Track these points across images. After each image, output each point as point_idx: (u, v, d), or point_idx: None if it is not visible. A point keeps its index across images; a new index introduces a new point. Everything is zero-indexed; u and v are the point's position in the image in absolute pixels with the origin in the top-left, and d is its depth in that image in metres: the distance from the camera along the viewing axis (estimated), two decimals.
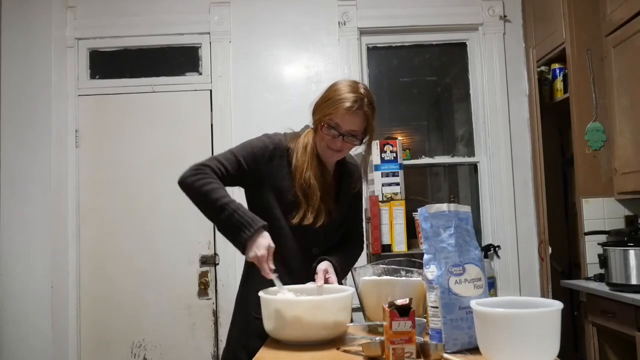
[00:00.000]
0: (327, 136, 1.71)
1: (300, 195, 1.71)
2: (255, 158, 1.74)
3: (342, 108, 1.66)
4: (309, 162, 1.73)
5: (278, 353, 1.39)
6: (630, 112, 2.80)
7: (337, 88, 1.72)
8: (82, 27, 3.56)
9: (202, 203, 1.66)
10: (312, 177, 1.72)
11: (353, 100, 1.67)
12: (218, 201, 1.62)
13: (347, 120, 1.68)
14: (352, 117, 1.68)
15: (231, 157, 1.73)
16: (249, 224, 1.58)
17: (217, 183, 1.66)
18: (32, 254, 3.21)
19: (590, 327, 2.84)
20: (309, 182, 1.71)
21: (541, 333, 1.08)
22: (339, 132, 1.69)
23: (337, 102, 1.68)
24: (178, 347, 3.41)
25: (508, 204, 3.47)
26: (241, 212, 1.61)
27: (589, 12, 3.04)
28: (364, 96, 1.70)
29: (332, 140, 1.71)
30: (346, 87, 1.71)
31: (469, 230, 1.39)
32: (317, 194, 1.72)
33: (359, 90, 1.71)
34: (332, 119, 1.69)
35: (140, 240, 3.45)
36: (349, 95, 1.68)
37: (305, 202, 1.71)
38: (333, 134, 1.70)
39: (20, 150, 3.27)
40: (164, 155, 3.49)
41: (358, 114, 1.69)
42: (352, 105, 1.67)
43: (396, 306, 1.18)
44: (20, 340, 3.15)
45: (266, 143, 1.76)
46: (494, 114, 3.52)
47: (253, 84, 3.53)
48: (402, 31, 3.63)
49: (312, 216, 1.71)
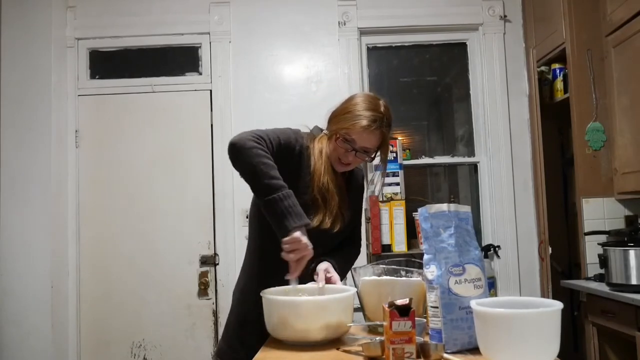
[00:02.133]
0: (341, 149, 1.70)
1: (320, 199, 1.70)
2: (289, 147, 1.71)
3: (359, 125, 1.64)
4: (325, 166, 1.72)
5: (278, 353, 1.39)
6: (630, 112, 2.80)
7: (357, 102, 1.70)
8: (82, 27, 3.56)
9: (256, 172, 1.56)
10: (330, 181, 1.71)
11: (372, 119, 1.65)
12: (276, 179, 1.55)
13: (363, 138, 1.67)
14: (368, 135, 1.67)
15: (276, 138, 1.68)
16: (301, 215, 1.53)
17: (273, 161, 1.59)
18: (32, 254, 3.21)
19: (590, 327, 2.84)
20: (327, 186, 1.70)
21: (541, 333, 1.08)
22: (352, 147, 1.68)
23: (356, 118, 1.65)
24: (178, 347, 3.41)
25: (508, 204, 3.47)
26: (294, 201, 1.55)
27: (589, 12, 3.04)
28: (383, 115, 1.68)
29: (344, 154, 1.70)
30: (366, 103, 1.69)
31: (469, 230, 1.39)
32: (336, 199, 1.71)
33: (379, 108, 1.68)
34: (349, 133, 1.67)
35: (140, 240, 3.45)
36: (368, 114, 1.66)
37: (324, 206, 1.71)
38: (347, 147, 1.68)
39: (20, 150, 3.27)
40: (164, 155, 3.50)
41: (375, 134, 1.67)
42: (370, 125, 1.64)
43: (396, 306, 1.17)
44: (20, 340, 3.15)
45: (296, 137, 1.74)
46: (494, 114, 3.52)
47: (253, 84, 3.53)
48: (402, 31, 3.63)
49: (330, 221, 1.70)
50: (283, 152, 1.68)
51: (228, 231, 3.43)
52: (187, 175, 3.49)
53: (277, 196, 1.53)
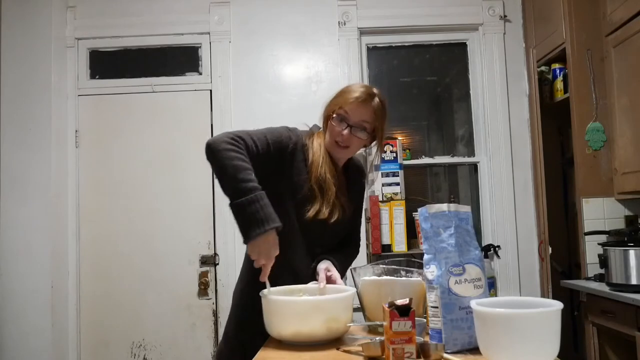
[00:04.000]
0: (337, 128, 1.73)
1: (317, 189, 1.72)
2: (281, 146, 1.72)
3: (351, 97, 1.71)
4: (323, 157, 1.75)
5: (278, 353, 1.39)
6: (630, 112, 2.80)
7: (349, 85, 1.82)
8: (82, 27, 3.56)
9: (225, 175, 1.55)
10: (327, 172, 1.73)
11: (363, 92, 1.73)
12: (244, 182, 1.52)
13: (355, 111, 1.72)
14: (360, 107, 1.71)
15: (263, 138, 1.68)
16: (264, 220, 1.50)
17: (248, 163, 1.57)
18: (32, 254, 3.21)
19: (590, 327, 2.84)
20: (325, 176, 1.72)
21: (541, 333, 1.08)
22: (347, 123, 1.72)
23: (347, 93, 1.74)
24: (178, 347, 3.41)
25: (508, 204, 3.47)
26: (262, 204, 1.51)
27: (589, 12, 3.04)
28: (375, 94, 1.76)
29: (340, 134, 1.72)
30: (358, 84, 1.82)
31: (469, 230, 1.39)
32: (333, 189, 1.73)
33: (370, 88, 1.78)
34: (342, 107, 1.72)
35: (140, 240, 3.45)
36: (360, 89, 1.75)
37: (320, 196, 1.72)
38: (342, 125, 1.72)
39: (20, 150, 3.27)
40: (164, 155, 3.50)
41: (367, 106, 1.72)
42: (361, 96, 1.72)
43: (396, 306, 1.17)
44: (20, 340, 3.15)
45: (290, 135, 1.76)
46: (494, 114, 3.52)
47: (253, 84, 3.53)
48: (402, 31, 3.63)
49: (327, 211, 1.71)
50: (272, 150, 1.68)
51: (228, 231, 3.42)
52: (187, 175, 3.49)
53: (242, 201, 1.51)
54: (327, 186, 1.72)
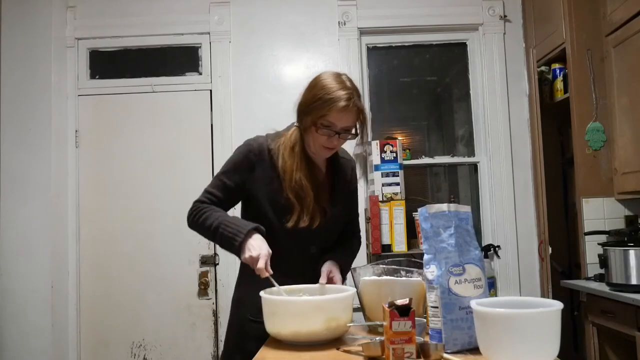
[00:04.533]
0: (323, 137, 1.67)
1: (293, 198, 1.68)
2: (237, 172, 1.74)
3: (336, 108, 1.62)
4: (298, 162, 1.70)
5: (278, 353, 1.39)
6: (630, 112, 2.80)
7: (324, 85, 1.66)
8: (82, 27, 3.56)
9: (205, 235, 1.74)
10: (303, 178, 1.69)
11: (346, 98, 1.62)
12: (211, 226, 1.67)
13: (342, 119, 1.65)
14: (347, 115, 1.65)
15: (217, 182, 1.77)
16: (238, 231, 1.61)
17: (209, 211, 1.71)
18: (32, 254, 3.21)
19: (590, 327, 2.84)
20: (301, 183, 1.68)
21: (541, 333, 1.08)
22: (335, 131, 1.66)
23: (330, 102, 1.63)
24: (178, 347, 3.41)
25: (508, 204, 3.47)
26: (228, 222, 1.65)
27: (589, 12, 3.04)
28: (352, 90, 1.66)
29: (328, 140, 1.68)
30: (334, 83, 1.65)
31: (469, 230, 1.39)
32: (311, 195, 1.68)
33: (346, 85, 1.66)
34: (327, 119, 1.64)
35: (140, 240, 3.45)
36: (341, 93, 1.62)
37: (298, 204, 1.68)
38: (329, 133, 1.66)
39: (20, 150, 3.27)
40: (164, 155, 3.50)
41: (352, 111, 1.65)
42: (347, 104, 1.62)
43: (396, 306, 1.17)
44: (20, 340, 3.15)
45: (244, 152, 1.75)
46: (494, 114, 3.52)
47: (253, 84, 3.53)
48: (402, 31, 3.63)
49: (308, 218, 1.68)
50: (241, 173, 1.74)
51: None
52: (187, 175, 3.49)
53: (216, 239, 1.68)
54: (305, 192, 1.68)
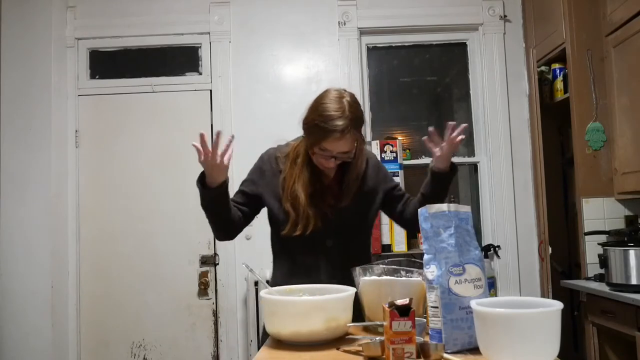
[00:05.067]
0: (321, 158, 1.75)
1: (289, 207, 1.77)
2: (252, 181, 1.87)
3: (331, 138, 1.68)
4: (297, 174, 1.78)
5: (278, 353, 1.39)
6: (630, 112, 2.80)
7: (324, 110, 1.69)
8: (82, 27, 3.56)
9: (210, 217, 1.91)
10: (300, 188, 1.76)
11: (341, 129, 1.66)
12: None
13: (336, 146, 1.70)
14: (342, 142, 1.70)
15: (238, 190, 1.90)
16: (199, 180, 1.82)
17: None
18: (32, 254, 3.21)
19: (590, 327, 2.84)
20: (295, 194, 1.77)
21: (541, 333, 1.08)
22: (331, 155, 1.73)
23: (325, 131, 1.67)
24: (178, 347, 3.41)
25: (508, 204, 3.47)
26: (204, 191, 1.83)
27: (589, 12, 3.04)
28: (348, 118, 1.67)
29: (326, 161, 1.75)
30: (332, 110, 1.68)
31: (469, 230, 1.39)
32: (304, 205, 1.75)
33: (345, 112, 1.68)
34: (323, 145, 1.70)
35: (140, 240, 3.45)
36: (337, 124, 1.66)
37: (294, 213, 1.76)
38: (325, 155, 1.73)
39: (20, 150, 3.27)
40: (164, 155, 3.50)
41: (347, 138, 1.70)
42: (342, 134, 1.67)
43: (396, 306, 1.17)
44: (20, 340, 3.15)
45: (258, 163, 1.89)
46: (494, 114, 3.52)
47: (253, 84, 3.53)
48: (402, 31, 3.63)
49: (302, 226, 1.75)
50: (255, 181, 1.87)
51: None
52: (187, 175, 3.45)
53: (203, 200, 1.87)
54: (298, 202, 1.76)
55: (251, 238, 3.44)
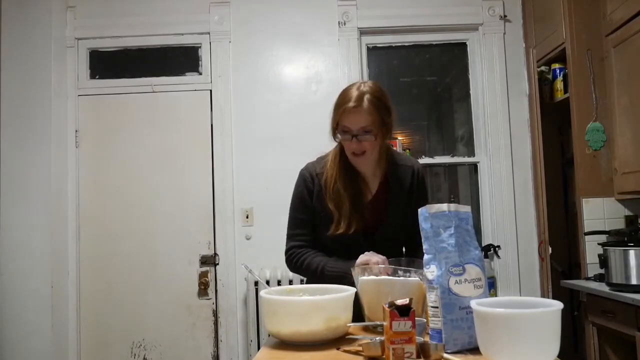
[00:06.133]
0: (345, 141, 1.76)
1: (332, 207, 1.78)
2: (303, 203, 1.86)
3: (344, 110, 1.72)
4: (337, 172, 1.80)
5: (278, 353, 1.39)
6: (630, 112, 2.80)
7: (342, 92, 1.78)
8: (82, 27, 3.56)
9: (308, 276, 1.85)
10: (341, 187, 1.79)
11: (354, 99, 1.71)
12: (316, 270, 1.79)
13: (352, 120, 1.72)
14: (355, 115, 1.71)
15: (294, 221, 1.88)
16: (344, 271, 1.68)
17: (309, 256, 1.82)
18: (32, 254, 3.21)
19: (590, 327, 2.84)
20: (338, 192, 1.79)
21: (541, 333, 1.08)
22: (351, 134, 1.73)
23: (340, 106, 1.74)
24: (178, 347, 3.41)
25: (508, 204, 3.47)
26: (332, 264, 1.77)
27: (589, 12, 3.04)
28: (364, 92, 1.73)
29: (349, 144, 1.76)
30: (349, 89, 1.77)
31: (469, 230, 1.39)
32: (347, 202, 1.77)
33: (360, 87, 1.75)
34: (341, 122, 1.74)
35: (140, 240, 3.45)
36: (350, 95, 1.73)
37: (337, 212, 1.78)
38: (347, 137, 1.75)
39: (20, 150, 3.27)
40: (164, 155, 3.50)
41: (360, 111, 1.71)
42: (353, 105, 1.71)
43: (396, 306, 1.17)
44: (20, 340, 3.15)
45: (302, 184, 1.87)
46: (494, 114, 3.52)
47: (253, 84, 3.53)
48: (402, 31, 3.63)
49: (345, 224, 1.76)
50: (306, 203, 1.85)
51: (228, 231, 3.43)
52: (187, 175, 3.49)
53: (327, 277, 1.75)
54: (341, 200, 1.78)
55: (251, 238, 3.44)
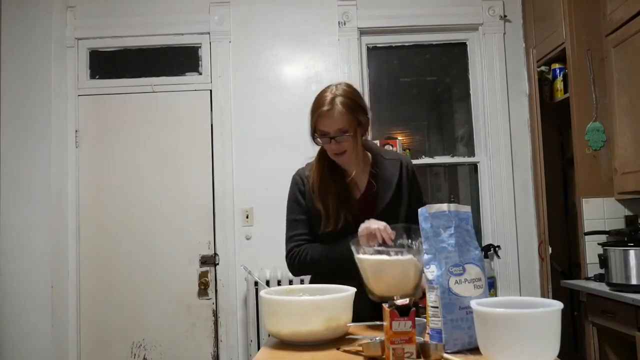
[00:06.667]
0: (325, 144, 1.79)
1: (320, 206, 1.81)
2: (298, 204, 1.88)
3: (319, 115, 1.75)
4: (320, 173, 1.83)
5: (278, 353, 1.39)
6: (630, 112, 2.80)
7: (316, 97, 1.80)
8: (82, 27, 3.56)
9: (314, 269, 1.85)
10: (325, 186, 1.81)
11: (327, 102, 1.74)
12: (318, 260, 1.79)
13: (327, 123, 1.75)
14: (329, 118, 1.74)
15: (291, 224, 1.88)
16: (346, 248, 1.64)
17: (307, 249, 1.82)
18: (32, 254, 3.21)
19: (590, 327, 2.84)
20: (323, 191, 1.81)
21: (541, 333, 1.08)
22: (329, 137, 1.76)
23: (315, 111, 1.77)
24: (178, 347, 3.41)
25: (508, 204, 3.47)
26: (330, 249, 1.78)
27: (589, 12, 3.04)
28: (336, 95, 1.75)
29: (329, 147, 1.78)
30: (322, 93, 1.79)
31: (469, 230, 1.39)
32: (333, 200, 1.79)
33: (332, 90, 1.77)
34: (317, 127, 1.77)
35: (140, 240, 3.45)
36: (321, 101, 1.76)
37: (325, 210, 1.80)
38: (326, 140, 1.77)
39: (20, 150, 3.27)
40: (164, 155, 3.50)
41: (333, 114, 1.73)
42: (325, 108, 1.73)
43: (396, 306, 1.17)
44: (20, 340, 3.15)
45: (294, 187, 1.90)
46: (494, 114, 3.52)
47: (253, 84, 3.53)
48: (402, 31, 3.63)
49: (333, 221, 1.78)
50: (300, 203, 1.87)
51: (228, 231, 3.43)
52: (187, 175, 3.49)
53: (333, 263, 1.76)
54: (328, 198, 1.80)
55: (251, 238, 3.44)
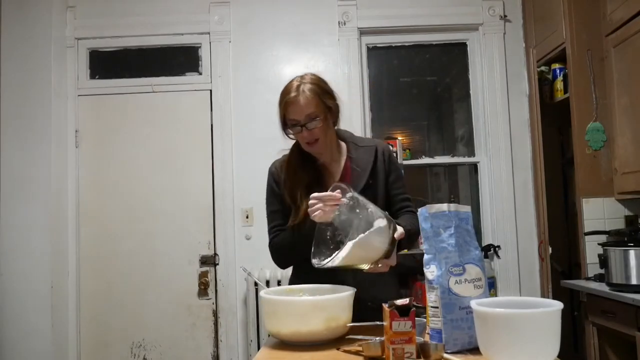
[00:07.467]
0: (297, 134, 1.77)
1: (288, 199, 1.79)
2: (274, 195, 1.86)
3: (286, 103, 1.74)
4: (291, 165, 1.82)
5: (278, 353, 1.39)
6: (630, 112, 2.80)
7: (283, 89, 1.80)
8: (82, 27, 3.56)
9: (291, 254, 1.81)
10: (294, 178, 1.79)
11: (293, 90, 1.74)
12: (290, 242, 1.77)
13: (296, 110, 1.73)
14: (297, 105, 1.73)
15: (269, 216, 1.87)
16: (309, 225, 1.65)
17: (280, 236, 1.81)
18: (32, 254, 3.21)
19: (591, 327, 2.84)
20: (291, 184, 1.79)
21: (541, 333, 1.08)
22: (299, 125, 1.74)
23: (282, 100, 1.76)
24: (178, 347, 3.41)
25: (508, 204, 3.47)
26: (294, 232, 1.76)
27: (589, 12, 3.04)
28: (302, 83, 1.76)
29: (300, 136, 1.76)
30: (288, 84, 1.79)
31: (469, 230, 1.39)
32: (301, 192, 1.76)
33: (298, 80, 1.78)
34: (287, 116, 1.75)
35: (140, 240, 3.45)
36: (289, 89, 1.76)
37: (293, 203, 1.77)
38: (297, 130, 1.75)
39: (20, 150, 3.27)
40: (164, 155, 3.50)
41: (299, 100, 1.73)
42: (291, 95, 1.73)
43: (396, 306, 1.18)
44: (20, 340, 3.15)
45: (269, 179, 1.89)
46: (494, 114, 3.52)
47: (253, 84, 3.53)
48: (402, 31, 3.63)
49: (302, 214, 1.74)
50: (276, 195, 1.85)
51: (228, 231, 3.43)
52: (187, 175, 3.49)
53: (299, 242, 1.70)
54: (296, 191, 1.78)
55: (251, 238, 3.44)
